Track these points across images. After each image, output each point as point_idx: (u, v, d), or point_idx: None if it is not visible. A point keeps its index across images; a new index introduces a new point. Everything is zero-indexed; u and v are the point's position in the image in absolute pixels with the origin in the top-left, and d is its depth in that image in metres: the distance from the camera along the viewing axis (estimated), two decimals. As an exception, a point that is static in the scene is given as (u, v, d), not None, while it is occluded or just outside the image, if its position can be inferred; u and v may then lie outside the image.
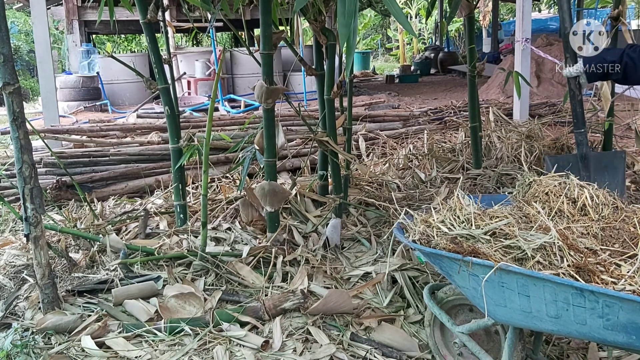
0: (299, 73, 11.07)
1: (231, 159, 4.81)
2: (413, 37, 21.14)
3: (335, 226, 3.39)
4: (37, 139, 4.46)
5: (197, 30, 6.18)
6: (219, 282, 2.97)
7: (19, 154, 2.54)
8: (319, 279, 2.99)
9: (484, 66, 4.48)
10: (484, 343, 2.19)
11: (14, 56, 2.60)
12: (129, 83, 11.82)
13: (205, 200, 3.05)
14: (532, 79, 9.21)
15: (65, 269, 3.11)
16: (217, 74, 3.54)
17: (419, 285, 2.82)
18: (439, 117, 7.25)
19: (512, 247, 1.86)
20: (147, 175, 4.74)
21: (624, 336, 1.62)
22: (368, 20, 22.61)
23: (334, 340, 2.46)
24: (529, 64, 7.69)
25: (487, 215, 2.04)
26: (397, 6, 1.91)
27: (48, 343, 2.47)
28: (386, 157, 5.45)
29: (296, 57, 3.56)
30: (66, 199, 4.41)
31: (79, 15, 12.73)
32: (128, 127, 6.47)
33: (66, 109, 10.51)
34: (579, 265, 1.76)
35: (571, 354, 2.35)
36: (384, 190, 4.33)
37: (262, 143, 3.26)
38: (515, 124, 5.69)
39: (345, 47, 1.79)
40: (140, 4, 3.36)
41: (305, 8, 3.29)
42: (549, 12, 23.36)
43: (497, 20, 17.13)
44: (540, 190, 2.15)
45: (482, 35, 18.46)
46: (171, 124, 3.58)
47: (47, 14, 6.56)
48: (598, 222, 2.00)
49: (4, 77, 2.47)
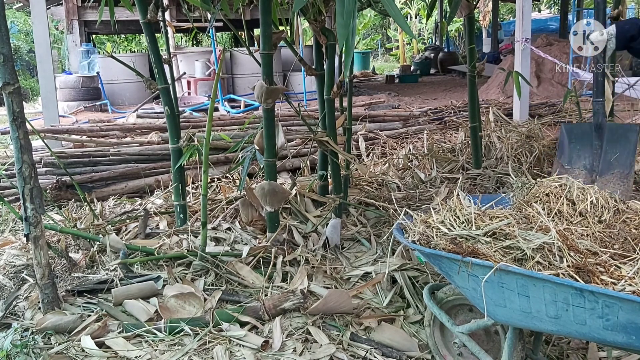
0: (299, 73, 11.07)
1: (231, 159, 4.81)
2: (412, 38, 21.14)
3: (335, 226, 3.39)
4: (37, 139, 4.46)
5: (197, 30, 6.18)
6: (218, 282, 2.97)
7: (19, 153, 2.54)
8: (318, 279, 2.99)
9: (483, 66, 4.48)
10: (483, 343, 2.19)
11: (13, 56, 2.60)
12: (129, 83, 11.82)
13: (205, 200, 3.05)
14: (532, 79, 9.21)
15: (65, 269, 3.11)
16: (217, 74, 3.54)
17: (418, 286, 2.82)
18: (438, 117, 7.25)
19: (512, 248, 1.86)
20: (147, 175, 4.74)
21: (624, 336, 1.62)
22: (368, 20, 22.61)
23: (334, 340, 2.46)
24: (529, 64, 7.70)
25: (487, 215, 2.05)
26: (395, 7, 1.91)
27: (48, 343, 2.47)
28: (386, 157, 5.46)
29: (296, 57, 3.56)
30: (66, 199, 4.41)
31: (79, 15, 12.73)
32: (128, 127, 6.47)
33: (66, 109, 10.51)
34: (578, 266, 1.76)
35: (571, 354, 2.35)
36: (383, 190, 4.33)
37: (262, 143, 3.26)
38: (515, 124, 5.70)
39: (344, 48, 1.79)
40: (140, 3, 3.36)
41: (305, 8, 3.29)
42: (549, 12, 23.37)
43: (497, 20, 17.13)
44: (541, 191, 2.15)
45: (482, 35, 18.45)
46: (171, 124, 3.58)
47: (47, 13, 6.56)
48: (598, 224, 2.00)
49: (4, 77, 2.47)
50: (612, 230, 1.98)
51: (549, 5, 24.16)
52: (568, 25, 13.79)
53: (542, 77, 9.74)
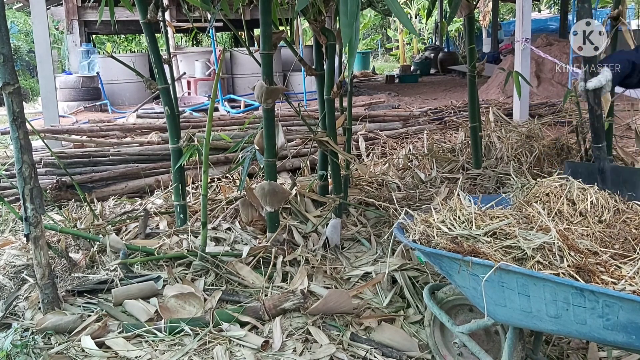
0: (299, 73, 11.06)
1: (231, 159, 4.81)
2: (414, 36, 21.15)
3: (335, 226, 3.39)
4: (37, 139, 4.46)
5: (197, 30, 6.18)
6: (218, 282, 2.97)
7: (19, 154, 2.53)
8: (318, 279, 2.99)
9: (483, 66, 4.48)
10: (483, 343, 2.19)
11: (13, 56, 2.60)
12: (129, 83, 11.82)
13: (205, 200, 3.04)
14: (532, 79, 9.21)
15: (65, 269, 3.11)
16: (217, 74, 3.54)
17: (419, 285, 2.82)
18: (438, 117, 7.25)
19: (512, 247, 1.86)
20: (147, 175, 4.74)
21: (624, 336, 1.62)
22: (368, 20, 22.62)
23: (334, 340, 2.46)
24: (529, 64, 7.70)
25: (487, 215, 2.04)
26: (398, 6, 1.91)
27: (48, 343, 2.47)
28: (386, 157, 5.45)
29: (296, 57, 3.55)
30: (66, 199, 4.41)
31: (78, 15, 12.73)
32: (128, 127, 6.46)
33: (66, 109, 10.51)
34: (579, 266, 1.76)
35: (571, 354, 2.35)
36: (384, 190, 4.33)
37: (262, 143, 3.26)
38: (515, 124, 5.69)
39: (348, 48, 1.79)
40: (140, 4, 3.36)
41: (305, 8, 3.29)
42: (549, 12, 23.38)
43: (497, 20, 17.13)
44: (541, 191, 2.15)
45: (482, 35, 18.48)
46: (171, 124, 3.58)
47: (47, 14, 6.56)
48: (598, 224, 2.00)
49: (3, 77, 2.47)
50: (613, 230, 1.98)
51: (548, 5, 24.17)
52: (568, 25, 13.78)
53: (542, 77, 9.74)
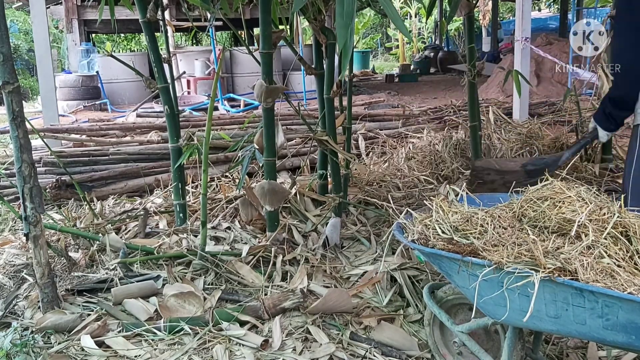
0: (299, 72, 11.06)
1: (231, 158, 4.80)
2: (413, 36, 21.15)
3: (334, 225, 3.39)
4: (37, 138, 4.46)
5: (197, 29, 6.18)
6: (218, 282, 2.97)
7: (19, 153, 2.53)
8: (318, 278, 2.99)
9: (483, 65, 4.47)
10: (483, 342, 2.19)
11: (13, 55, 2.59)
12: (129, 82, 11.81)
13: (205, 200, 3.04)
14: (532, 78, 9.21)
15: (64, 268, 3.11)
16: (216, 73, 3.54)
17: (418, 285, 2.82)
18: (438, 116, 7.24)
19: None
20: (146, 175, 4.74)
21: (624, 336, 1.62)
22: (367, 19, 22.59)
23: (334, 339, 2.46)
24: (529, 63, 7.69)
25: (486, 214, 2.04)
26: (393, 7, 1.91)
27: (48, 342, 2.47)
28: (386, 156, 5.45)
29: (296, 56, 3.55)
30: (66, 198, 4.41)
31: (78, 14, 12.72)
32: (127, 126, 6.46)
33: (66, 108, 10.50)
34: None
35: (570, 353, 2.35)
36: (383, 189, 4.33)
37: (262, 142, 3.26)
38: (515, 124, 5.69)
39: (343, 49, 1.79)
40: (140, 3, 3.36)
41: (305, 7, 3.28)
42: (549, 11, 23.37)
43: (496, 19, 17.12)
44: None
45: (482, 34, 18.45)
46: (171, 123, 3.58)
47: (46, 13, 6.55)
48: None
49: (3, 76, 2.47)
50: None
51: (548, 5, 24.17)
52: (568, 24, 13.78)
53: (541, 76, 9.74)
